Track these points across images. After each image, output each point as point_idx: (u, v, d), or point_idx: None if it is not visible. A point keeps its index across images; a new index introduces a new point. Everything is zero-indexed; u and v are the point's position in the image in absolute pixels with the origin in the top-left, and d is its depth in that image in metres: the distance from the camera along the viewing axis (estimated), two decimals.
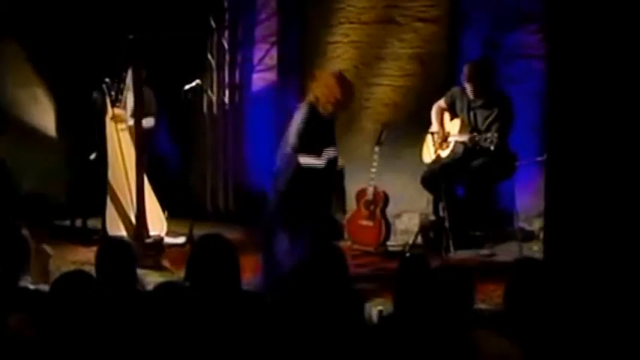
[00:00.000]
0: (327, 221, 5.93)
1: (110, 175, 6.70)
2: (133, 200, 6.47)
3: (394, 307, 3.69)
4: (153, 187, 6.65)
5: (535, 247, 6.25)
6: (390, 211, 6.78)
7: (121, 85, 6.63)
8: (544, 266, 3.59)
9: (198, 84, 7.00)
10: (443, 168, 6.55)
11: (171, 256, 6.23)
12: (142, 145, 6.49)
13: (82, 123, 7.15)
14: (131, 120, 6.56)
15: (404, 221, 7.11)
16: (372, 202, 6.63)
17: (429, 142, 6.76)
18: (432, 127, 6.71)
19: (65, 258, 6.40)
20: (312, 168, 5.48)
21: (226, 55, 8.02)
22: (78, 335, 3.54)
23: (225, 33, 8.02)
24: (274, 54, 7.99)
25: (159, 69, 7.13)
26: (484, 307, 4.39)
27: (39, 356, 3.46)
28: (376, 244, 6.62)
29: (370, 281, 5.76)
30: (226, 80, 8.06)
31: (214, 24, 7.96)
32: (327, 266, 3.74)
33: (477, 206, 6.55)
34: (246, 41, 8.05)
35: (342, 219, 6.86)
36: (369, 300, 4.77)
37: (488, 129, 6.38)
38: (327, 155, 5.48)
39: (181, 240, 6.67)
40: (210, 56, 7.99)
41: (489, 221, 6.54)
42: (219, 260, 3.68)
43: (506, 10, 7.11)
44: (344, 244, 6.50)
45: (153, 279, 5.61)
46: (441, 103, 6.68)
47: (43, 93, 7.68)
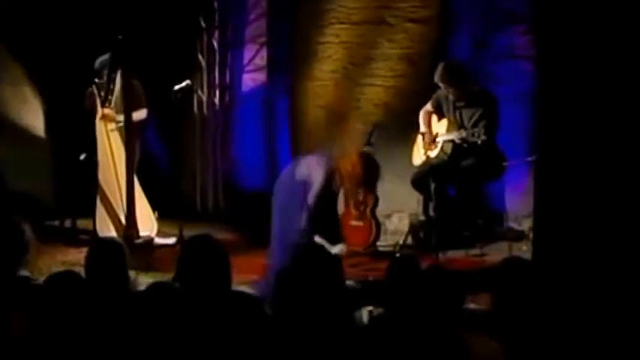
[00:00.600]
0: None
1: (100, 176, 6.69)
2: (123, 201, 6.46)
3: (384, 308, 3.70)
4: (143, 187, 6.65)
5: (524, 247, 6.26)
6: (380, 212, 6.78)
7: (111, 86, 6.62)
8: (531, 266, 3.60)
9: (188, 84, 6.99)
10: (432, 168, 6.58)
11: (162, 257, 6.22)
12: (132, 145, 6.48)
13: (71, 123, 7.13)
14: (121, 116, 6.55)
15: (394, 221, 7.11)
16: (362, 202, 6.63)
17: (419, 143, 6.78)
18: (421, 129, 6.76)
19: (55, 258, 6.39)
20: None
21: (216, 56, 8.02)
22: (69, 335, 3.54)
23: (215, 33, 8.02)
24: (264, 54, 7.99)
25: (148, 69, 7.12)
26: (473, 307, 4.40)
27: (32, 356, 3.46)
28: (366, 244, 6.62)
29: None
30: (216, 80, 8.05)
31: (204, 24, 7.95)
32: (318, 266, 3.74)
33: (466, 206, 6.57)
34: (236, 41, 8.04)
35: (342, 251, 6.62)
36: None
37: (474, 126, 6.42)
38: (340, 249, 5.38)
39: (171, 240, 6.65)
40: (200, 56, 7.99)
41: (479, 221, 6.55)
42: (208, 261, 3.68)
43: (496, 11, 7.13)
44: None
45: (142, 279, 5.61)
46: (428, 107, 6.75)
47: (31, 93, 7.66)
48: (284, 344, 3.45)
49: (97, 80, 6.68)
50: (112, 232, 6.50)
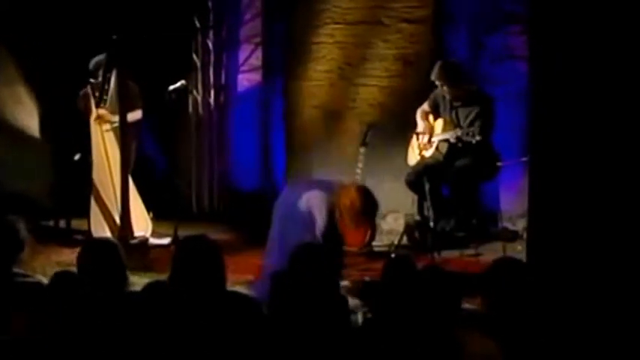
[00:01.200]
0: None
1: (95, 176, 6.68)
2: (117, 201, 6.45)
3: (379, 308, 3.70)
4: (138, 187, 6.64)
5: (519, 247, 6.26)
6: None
7: (106, 86, 6.62)
8: (523, 265, 3.60)
9: (183, 84, 6.99)
10: (427, 168, 6.60)
11: (157, 257, 6.22)
12: (127, 145, 6.48)
13: (66, 123, 7.13)
14: (116, 117, 6.55)
15: (389, 222, 7.12)
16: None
17: (414, 144, 6.79)
18: (419, 127, 6.76)
19: (49, 258, 6.38)
20: None
21: (211, 56, 8.01)
22: (67, 335, 3.55)
23: (210, 33, 8.01)
24: (259, 54, 8.00)
25: (143, 69, 7.12)
26: (468, 306, 4.40)
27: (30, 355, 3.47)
28: (361, 244, 6.61)
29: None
30: (211, 81, 8.05)
31: (199, 24, 7.95)
32: (314, 267, 3.74)
33: (461, 206, 6.58)
34: (231, 42, 8.04)
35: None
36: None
37: (470, 125, 6.44)
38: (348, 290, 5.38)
39: (166, 241, 6.65)
40: (195, 57, 7.98)
41: (474, 221, 6.56)
42: (203, 261, 3.68)
43: (491, 12, 7.14)
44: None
45: (137, 280, 5.60)
46: (425, 106, 6.76)
47: (26, 93, 7.64)
48: (279, 345, 3.45)
49: (91, 80, 6.68)
50: (107, 233, 6.50)
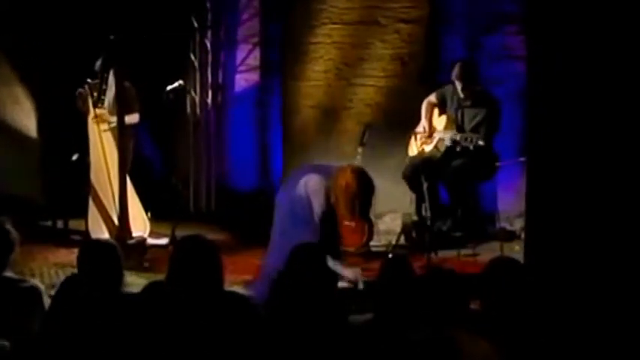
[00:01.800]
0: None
1: (92, 176, 6.68)
2: (115, 201, 6.45)
3: (376, 309, 3.70)
4: (135, 187, 6.64)
5: (517, 247, 6.27)
6: (373, 211, 6.78)
7: (103, 86, 6.61)
8: (519, 265, 3.60)
9: (180, 84, 6.99)
10: (424, 163, 6.59)
11: (154, 257, 6.22)
12: (125, 145, 6.48)
13: (64, 124, 7.12)
14: (114, 118, 6.55)
15: (386, 221, 7.12)
16: None
17: (412, 140, 6.79)
18: (420, 125, 6.72)
19: (47, 259, 6.38)
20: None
21: (209, 56, 8.02)
22: (69, 336, 3.56)
23: (208, 33, 8.02)
24: (257, 54, 8.00)
25: (141, 69, 7.11)
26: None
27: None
28: (359, 244, 6.62)
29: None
30: (209, 81, 8.05)
31: (197, 24, 7.95)
32: (313, 269, 3.74)
33: (459, 206, 6.58)
34: (229, 42, 8.04)
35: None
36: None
37: (473, 129, 6.43)
38: (355, 273, 5.42)
39: (164, 241, 6.65)
40: (193, 57, 7.98)
41: (471, 221, 6.56)
42: (200, 261, 3.68)
43: (488, 12, 7.15)
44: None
45: (134, 280, 5.60)
46: (432, 98, 6.72)
47: (23, 93, 7.64)
48: (276, 345, 3.45)
49: (89, 81, 6.68)
50: (105, 233, 6.49)
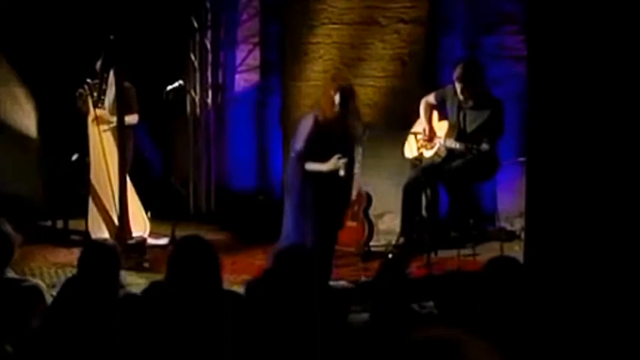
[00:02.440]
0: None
1: (92, 176, 6.68)
2: (115, 201, 6.45)
3: (372, 310, 3.70)
4: (135, 187, 6.64)
5: (516, 247, 6.27)
6: (372, 212, 6.78)
7: (103, 86, 6.61)
8: (518, 265, 3.61)
9: (180, 84, 6.99)
10: (425, 173, 6.49)
11: (154, 257, 6.22)
12: (125, 145, 6.48)
13: (64, 124, 7.12)
14: (114, 118, 6.55)
15: (386, 221, 7.12)
16: (355, 202, 6.62)
17: (411, 139, 6.74)
18: (418, 125, 6.65)
19: (47, 259, 6.38)
20: (319, 175, 5.50)
21: (209, 56, 8.01)
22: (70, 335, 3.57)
23: (208, 33, 8.01)
24: (257, 55, 7.99)
25: (141, 69, 7.11)
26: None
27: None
28: (358, 244, 6.62)
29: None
30: (209, 81, 8.05)
31: (197, 24, 7.94)
32: (310, 267, 3.75)
33: (458, 206, 6.57)
34: (229, 42, 8.04)
35: None
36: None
37: (475, 132, 6.34)
38: (334, 162, 5.48)
39: (164, 241, 6.65)
40: (193, 57, 7.98)
41: (470, 221, 6.55)
42: (198, 261, 3.68)
43: (487, 12, 7.14)
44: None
45: (134, 280, 5.61)
46: (430, 98, 6.60)
47: (22, 93, 7.64)
48: (274, 344, 3.45)
49: (89, 81, 6.67)
50: (104, 233, 6.50)
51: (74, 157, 6.90)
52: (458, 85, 6.38)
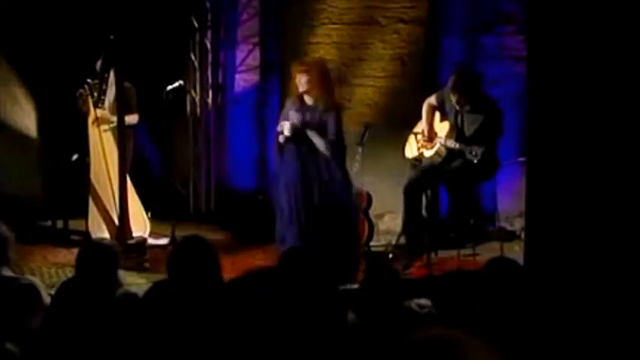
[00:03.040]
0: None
1: (92, 176, 6.68)
2: (115, 201, 6.45)
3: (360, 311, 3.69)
4: (135, 187, 6.64)
5: (516, 247, 6.27)
6: (372, 212, 6.78)
7: (103, 86, 6.61)
8: (518, 266, 3.61)
9: (180, 84, 6.98)
10: (425, 173, 6.49)
11: (154, 257, 6.22)
12: (125, 146, 6.48)
13: (63, 124, 7.12)
14: (114, 118, 6.55)
15: (386, 222, 7.12)
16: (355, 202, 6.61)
17: (411, 139, 6.75)
18: (419, 126, 6.65)
19: (47, 259, 6.38)
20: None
21: (209, 56, 8.01)
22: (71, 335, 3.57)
23: (208, 33, 8.01)
24: (257, 55, 7.99)
25: (141, 69, 7.11)
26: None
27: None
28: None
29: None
30: (209, 81, 8.05)
31: (197, 24, 7.94)
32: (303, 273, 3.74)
33: (458, 206, 6.56)
34: (229, 42, 8.04)
35: None
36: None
37: (474, 134, 6.35)
38: (280, 124, 5.93)
39: (164, 241, 6.65)
40: (193, 57, 7.98)
41: (470, 221, 6.55)
42: (199, 262, 3.69)
43: (487, 12, 7.14)
44: None
45: (134, 279, 5.62)
46: (432, 100, 6.60)
47: (22, 93, 7.64)
48: (276, 344, 3.46)
49: (89, 81, 6.67)
50: (105, 233, 6.49)
51: (74, 157, 6.90)
52: (453, 96, 6.39)
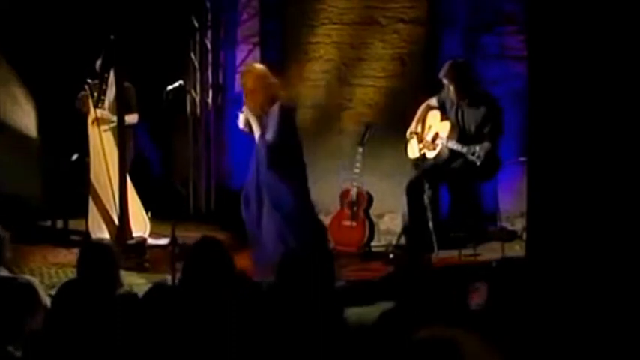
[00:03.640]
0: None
1: (92, 176, 6.68)
2: (115, 201, 6.45)
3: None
4: (135, 187, 6.63)
5: (517, 247, 6.27)
6: (373, 212, 6.77)
7: (103, 86, 6.61)
8: (525, 267, 3.60)
9: (180, 84, 6.96)
10: (426, 173, 6.49)
11: (154, 257, 6.22)
12: (125, 146, 6.47)
13: (63, 124, 7.12)
14: (114, 118, 6.54)
15: (386, 222, 7.11)
16: (356, 202, 6.62)
17: (413, 140, 6.74)
18: (412, 126, 6.67)
19: (47, 259, 6.38)
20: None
21: (209, 56, 8.01)
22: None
23: (208, 33, 8.01)
24: (257, 54, 7.99)
25: (141, 69, 7.11)
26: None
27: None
28: (359, 244, 6.61)
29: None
30: (209, 81, 8.05)
31: (197, 24, 7.94)
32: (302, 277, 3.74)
33: (459, 206, 6.56)
34: (229, 42, 8.04)
35: None
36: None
37: (475, 133, 6.34)
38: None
39: (164, 241, 6.64)
40: (193, 57, 7.98)
41: (472, 221, 6.54)
42: (217, 263, 3.71)
43: (487, 12, 7.14)
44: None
45: (134, 280, 5.61)
46: (432, 101, 6.62)
47: (22, 93, 7.64)
48: (277, 343, 3.45)
49: (89, 81, 6.67)
50: (105, 233, 6.49)
51: (74, 157, 6.89)
52: (446, 84, 6.40)
